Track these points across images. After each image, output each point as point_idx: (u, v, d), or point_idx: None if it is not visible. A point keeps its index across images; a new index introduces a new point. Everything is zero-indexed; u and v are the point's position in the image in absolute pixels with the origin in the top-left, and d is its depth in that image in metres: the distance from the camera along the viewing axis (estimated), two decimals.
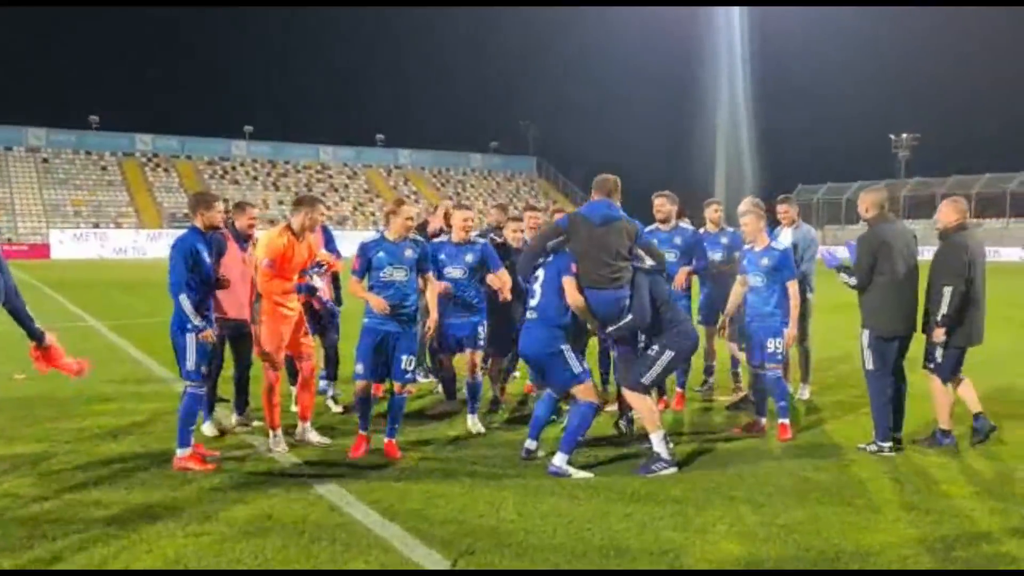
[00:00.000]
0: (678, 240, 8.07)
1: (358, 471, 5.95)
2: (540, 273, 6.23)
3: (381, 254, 6.39)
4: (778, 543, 4.65)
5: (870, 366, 6.61)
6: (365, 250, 6.43)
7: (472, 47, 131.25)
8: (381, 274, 6.36)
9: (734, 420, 7.58)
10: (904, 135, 78.30)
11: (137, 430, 7.08)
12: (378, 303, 6.22)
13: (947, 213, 6.63)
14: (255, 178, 68.85)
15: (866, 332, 6.62)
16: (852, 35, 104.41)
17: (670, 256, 7.63)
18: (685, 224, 8.29)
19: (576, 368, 6.05)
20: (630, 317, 6.09)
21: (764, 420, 7.12)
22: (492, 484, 5.65)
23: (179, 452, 5.97)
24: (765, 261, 7.05)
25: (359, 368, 6.39)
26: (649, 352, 6.16)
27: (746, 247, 7.36)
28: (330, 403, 7.95)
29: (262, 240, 6.55)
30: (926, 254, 6.98)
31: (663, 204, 8.21)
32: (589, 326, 6.29)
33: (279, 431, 6.46)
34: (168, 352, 6.52)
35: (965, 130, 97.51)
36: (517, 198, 75.65)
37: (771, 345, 6.98)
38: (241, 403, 7.27)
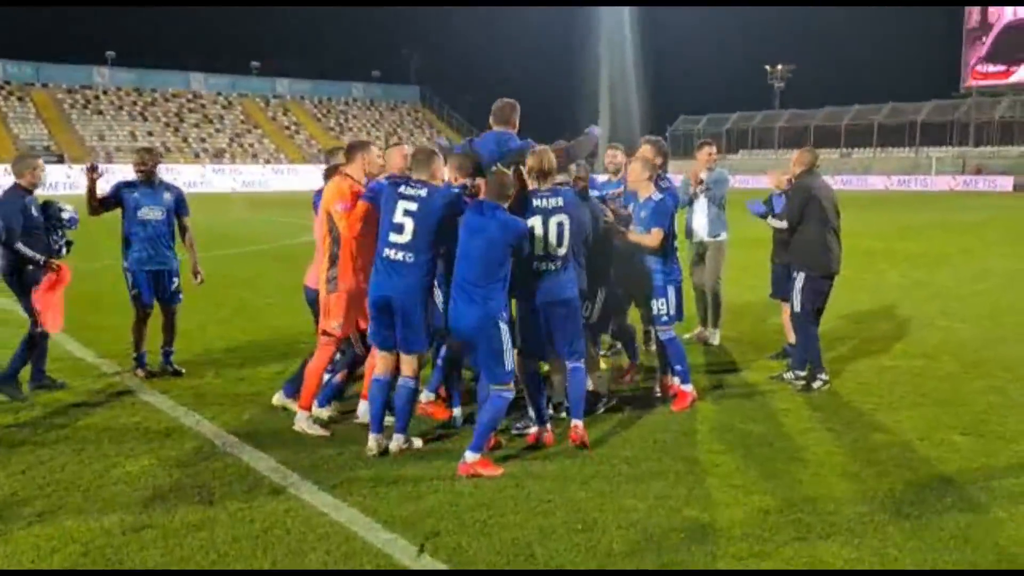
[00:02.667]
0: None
1: (303, 453, 5.63)
2: None
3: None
4: (739, 507, 4.66)
5: (798, 308, 7.07)
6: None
7: None
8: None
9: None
10: (779, 67, 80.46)
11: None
12: None
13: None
14: (120, 108, 64.73)
15: (801, 275, 7.04)
16: None
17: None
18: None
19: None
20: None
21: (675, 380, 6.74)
22: (442, 459, 5.43)
23: (471, 456, 5.19)
24: (643, 214, 6.53)
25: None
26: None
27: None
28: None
29: (331, 188, 5.82)
30: None
31: (615, 156, 7.99)
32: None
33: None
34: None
35: (837, 62, 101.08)
36: (401, 128, 74.14)
37: (655, 306, 6.56)
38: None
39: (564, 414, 6.03)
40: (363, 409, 6.01)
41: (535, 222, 5.48)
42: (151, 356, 7.50)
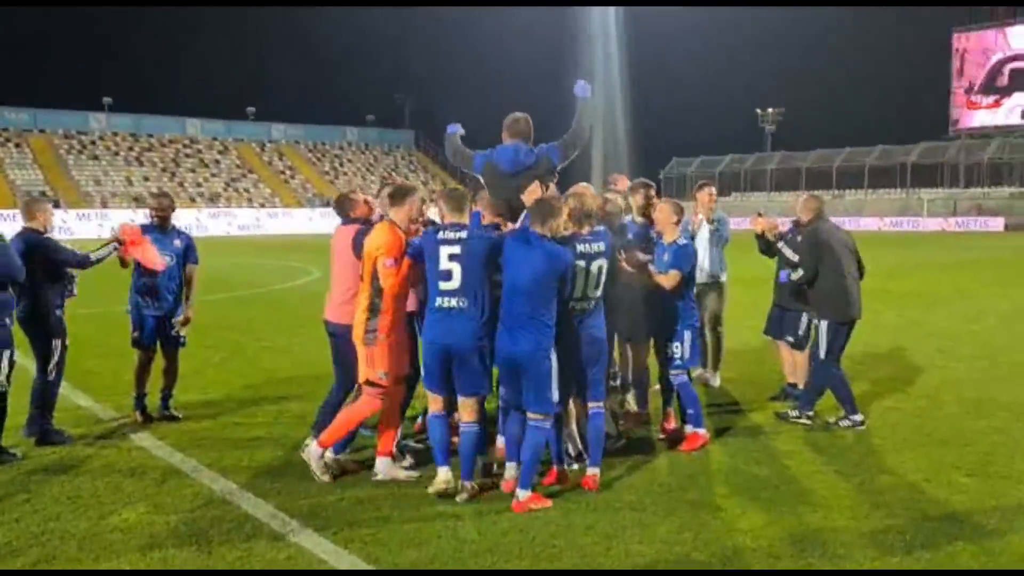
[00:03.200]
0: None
1: (303, 499, 5.55)
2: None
3: None
4: (748, 552, 4.58)
5: (823, 355, 7.04)
6: None
7: (344, 17, 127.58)
8: None
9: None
10: (770, 110, 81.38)
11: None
12: None
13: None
14: (116, 153, 65.05)
15: (824, 322, 7.05)
16: (720, 14, 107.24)
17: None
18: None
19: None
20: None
21: (673, 421, 6.78)
22: (445, 503, 5.34)
23: (523, 494, 5.22)
24: (666, 256, 6.52)
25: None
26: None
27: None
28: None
29: (379, 235, 5.53)
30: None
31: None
32: None
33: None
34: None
35: (827, 106, 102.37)
36: (396, 172, 74.53)
37: (670, 349, 6.57)
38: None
39: (576, 466, 5.91)
40: (381, 466, 5.77)
41: (578, 267, 5.47)
42: (150, 400, 7.42)
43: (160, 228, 7.42)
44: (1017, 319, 13.54)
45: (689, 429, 6.53)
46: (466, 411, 5.44)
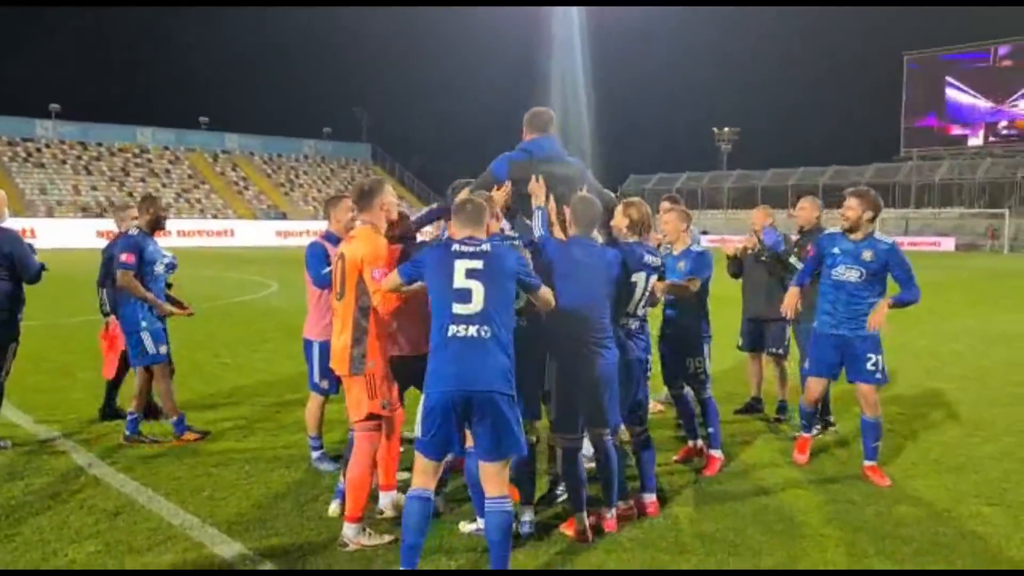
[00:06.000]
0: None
1: (275, 539, 4.98)
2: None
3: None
4: None
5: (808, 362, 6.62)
6: None
7: (301, 29, 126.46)
8: None
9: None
10: (726, 129, 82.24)
11: None
12: None
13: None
14: (63, 161, 63.08)
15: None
16: (677, 33, 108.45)
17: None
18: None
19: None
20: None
21: (699, 443, 6.41)
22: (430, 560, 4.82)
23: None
24: (681, 264, 6.17)
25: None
26: None
27: (664, 250, 6.45)
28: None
29: (363, 243, 4.75)
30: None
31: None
32: None
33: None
34: None
35: (782, 126, 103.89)
36: (352, 186, 73.61)
37: (692, 365, 6.24)
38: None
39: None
40: (386, 501, 5.15)
41: (639, 278, 5.11)
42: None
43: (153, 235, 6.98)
44: (995, 339, 13.40)
45: (713, 452, 6.18)
46: (493, 484, 4.16)
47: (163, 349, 6.87)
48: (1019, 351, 12.05)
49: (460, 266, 4.16)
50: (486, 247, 4.26)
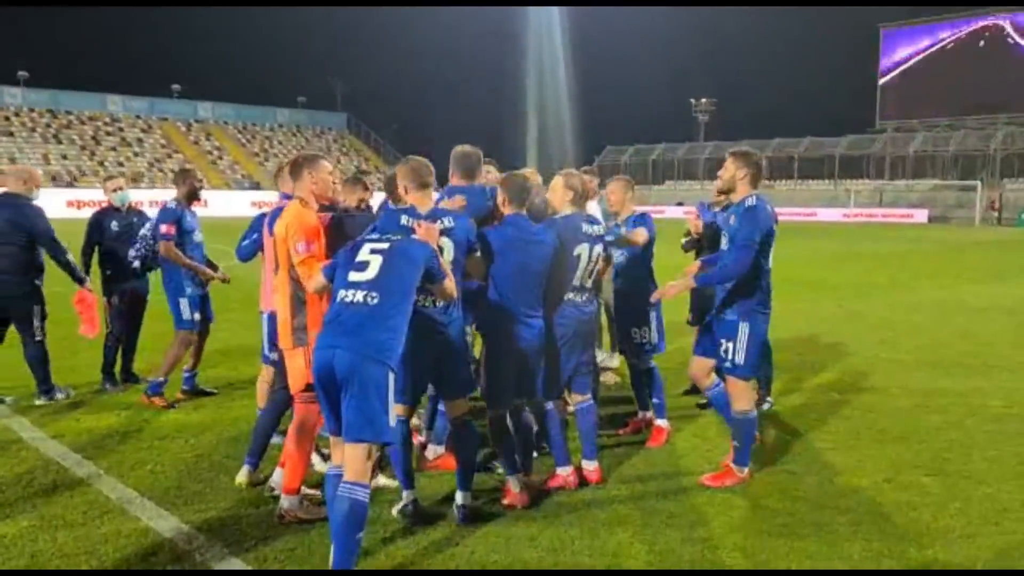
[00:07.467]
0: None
1: (212, 513, 4.95)
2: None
3: None
4: (706, 565, 4.18)
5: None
6: None
7: None
8: None
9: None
10: (703, 100, 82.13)
11: None
12: None
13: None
14: (33, 130, 62.03)
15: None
16: (654, 6, 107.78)
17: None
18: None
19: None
20: None
21: (648, 414, 6.39)
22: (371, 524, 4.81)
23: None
24: (623, 231, 6.09)
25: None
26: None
27: (612, 221, 6.36)
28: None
29: (291, 218, 4.67)
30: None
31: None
32: None
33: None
34: None
35: (758, 97, 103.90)
36: (328, 155, 73.02)
37: (638, 335, 6.18)
38: None
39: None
40: (277, 479, 5.01)
41: (582, 250, 5.13)
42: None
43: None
44: (954, 310, 13.54)
45: (659, 422, 6.19)
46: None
47: (196, 316, 7.18)
48: (976, 323, 12.19)
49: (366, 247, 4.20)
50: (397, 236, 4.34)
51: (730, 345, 5.23)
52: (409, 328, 4.09)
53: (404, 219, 4.55)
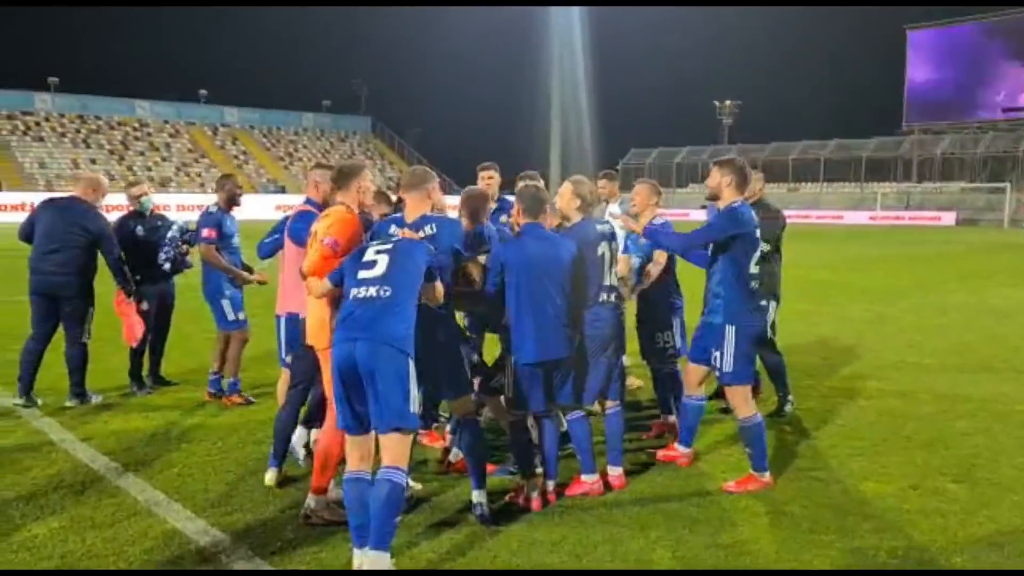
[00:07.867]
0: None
1: (237, 515, 5.01)
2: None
3: None
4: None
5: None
6: None
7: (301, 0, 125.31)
8: None
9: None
10: (728, 102, 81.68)
11: None
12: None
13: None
14: (63, 135, 62.99)
15: (773, 304, 6.65)
16: (680, 8, 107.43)
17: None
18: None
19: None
20: None
21: (671, 418, 6.42)
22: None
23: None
24: (642, 241, 6.09)
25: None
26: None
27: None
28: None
29: (335, 219, 4.68)
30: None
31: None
32: None
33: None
34: None
35: (783, 99, 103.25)
36: (353, 159, 73.41)
37: (659, 339, 6.26)
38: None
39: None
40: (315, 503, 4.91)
41: (603, 248, 5.22)
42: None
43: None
44: (981, 313, 13.39)
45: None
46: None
47: (241, 316, 7.41)
48: (1005, 326, 12.05)
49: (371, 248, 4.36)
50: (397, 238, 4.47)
51: (718, 353, 5.27)
52: None
53: (392, 228, 4.71)
